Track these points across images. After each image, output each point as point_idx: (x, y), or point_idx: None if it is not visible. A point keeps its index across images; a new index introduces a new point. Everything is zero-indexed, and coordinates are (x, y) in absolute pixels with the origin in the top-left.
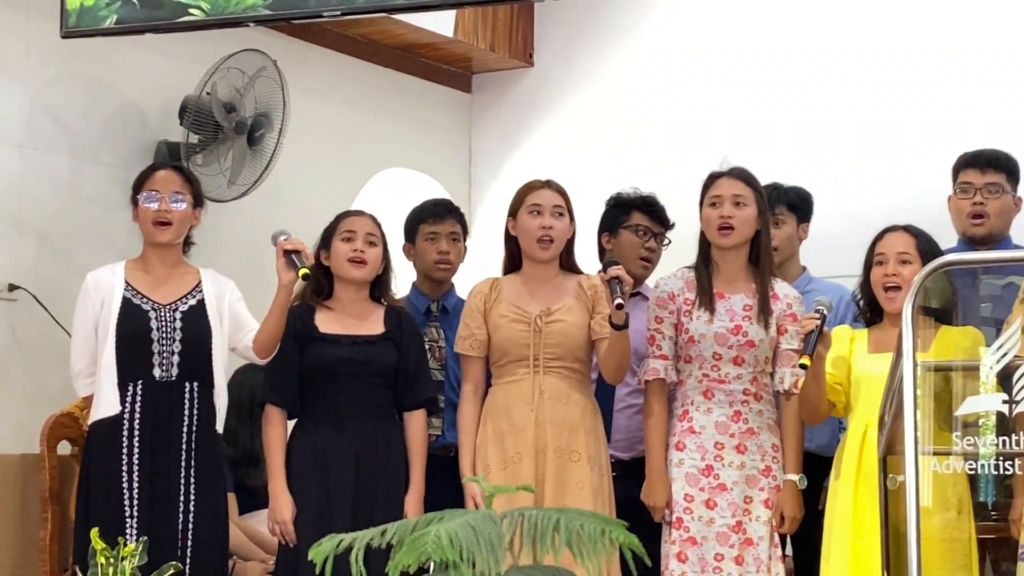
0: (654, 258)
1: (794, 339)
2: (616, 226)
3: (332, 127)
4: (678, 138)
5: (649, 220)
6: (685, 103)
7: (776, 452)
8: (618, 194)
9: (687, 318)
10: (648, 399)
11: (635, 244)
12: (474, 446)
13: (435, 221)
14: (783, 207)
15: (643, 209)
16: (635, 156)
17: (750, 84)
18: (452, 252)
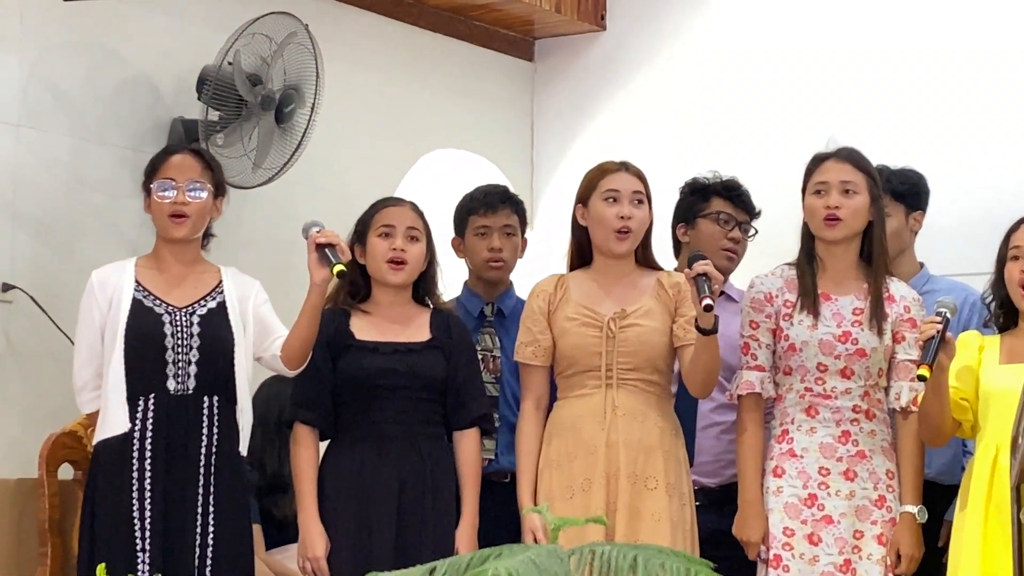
0: (739, 250)
1: (912, 348)
2: (694, 215)
3: (373, 102)
4: (769, 117)
5: (732, 207)
6: (780, 77)
7: (891, 479)
8: (695, 179)
9: (787, 323)
10: (741, 417)
11: (716, 234)
12: (535, 471)
13: (486, 212)
14: (886, 196)
15: (724, 195)
16: (721, 137)
17: (856, 52)
18: (506, 248)
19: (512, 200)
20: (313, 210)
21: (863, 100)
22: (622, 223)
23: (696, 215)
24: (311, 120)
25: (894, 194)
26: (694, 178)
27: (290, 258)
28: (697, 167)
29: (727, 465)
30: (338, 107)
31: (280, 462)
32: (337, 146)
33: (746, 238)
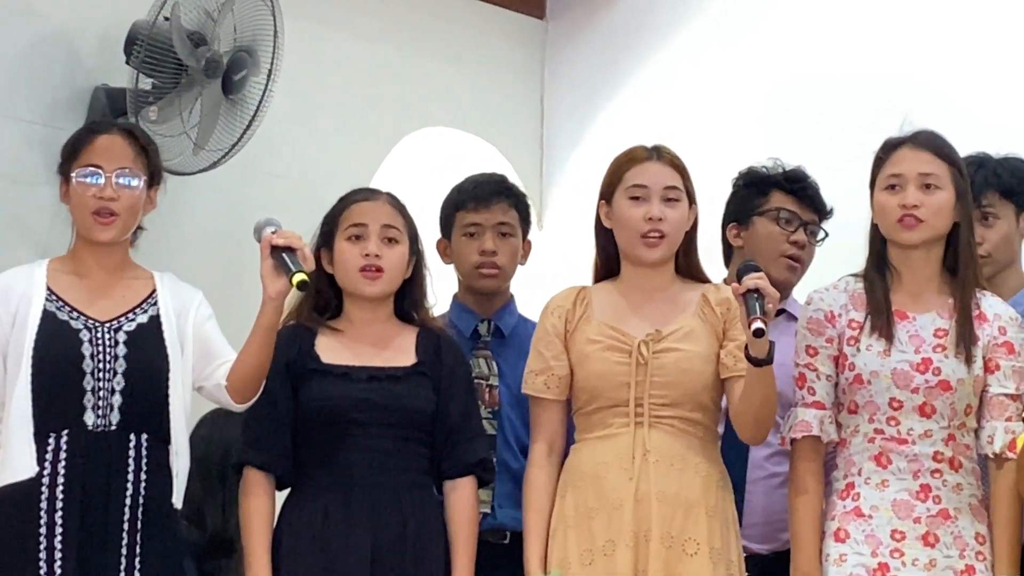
0: (804, 257)
1: (1010, 380)
2: (748, 213)
3: (344, 68)
4: (836, 91)
5: (796, 203)
6: (853, 38)
7: (982, 545)
8: (750, 168)
9: (852, 348)
10: (795, 466)
11: (776, 237)
12: (546, 530)
13: (476, 207)
14: (993, 194)
15: (787, 188)
16: (785, 115)
17: (935, 21)
18: (502, 251)
19: (510, 192)
20: (269, 204)
21: (951, 80)
22: (651, 225)
23: (751, 213)
24: (267, 90)
25: (1003, 191)
26: (750, 167)
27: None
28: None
29: (783, 527)
30: (301, 75)
31: (224, 517)
32: (300, 123)
33: (813, 242)
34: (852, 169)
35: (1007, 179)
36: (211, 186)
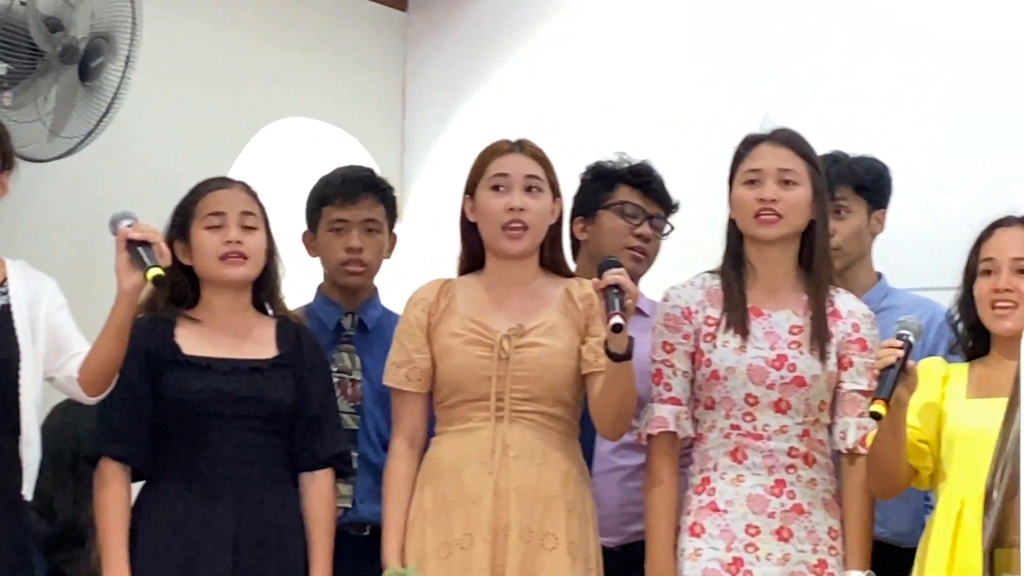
0: (649, 250)
1: (863, 376)
2: (595, 207)
3: (204, 57)
4: (703, 87)
5: (642, 197)
6: (713, 37)
7: (835, 539)
8: (597, 163)
9: (709, 344)
10: (651, 461)
11: (620, 230)
12: (404, 523)
13: (343, 203)
14: (847, 188)
15: (633, 182)
16: (646, 111)
17: (805, 18)
18: (368, 248)
19: (377, 187)
20: (125, 194)
21: (809, 80)
22: (512, 216)
23: (597, 207)
24: (124, 78)
25: (856, 186)
26: (597, 162)
27: (95, 253)
28: (614, 148)
29: (632, 520)
30: (159, 62)
31: (75, 508)
32: (158, 112)
33: (658, 236)
34: (711, 163)
35: (862, 175)
36: (67, 174)
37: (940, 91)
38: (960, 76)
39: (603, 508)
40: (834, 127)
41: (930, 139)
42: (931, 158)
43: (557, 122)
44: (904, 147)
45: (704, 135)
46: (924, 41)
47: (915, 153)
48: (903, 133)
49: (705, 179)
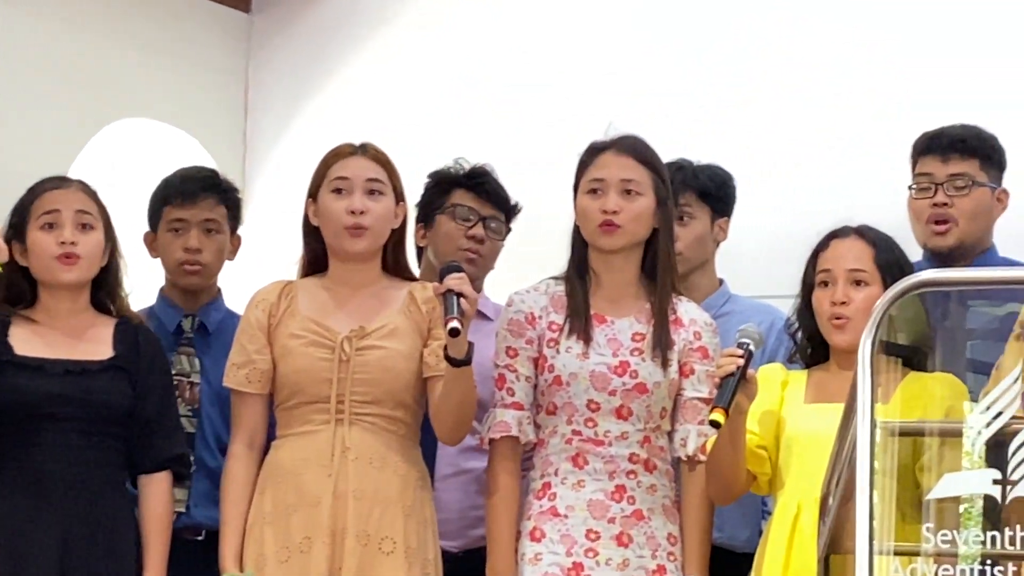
0: (484, 252)
1: (704, 384)
2: (432, 211)
3: (42, 55)
4: (542, 87)
5: (475, 199)
6: (570, 45)
7: (673, 545)
8: (437, 170)
9: (552, 350)
10: (492, 466)
11: (454, 233)
12: (243, 527)
13: (183, 203)
14: (691, 195)
15: (467, 185)
16: (488, 112)
17: (645, 31)
18: (207, 248)
19: (218, 188)
20: None
21: (655, 90)
22: (353, 219)
23: (434, 212)
24: None
25: (701, 193)
26: (437, 169)
27: None
28: (461, 150)
29: (475, 524)
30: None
31: None
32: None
33: (493, 237)
34: (558, 167)
35: (706, 182)
36: None
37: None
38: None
39: (446, 512)
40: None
41: (774, 146)
42: (773, 166)
43: (400, 125)
44: (746, 164)
45: (554, 136)
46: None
47: (754, 168)
48: (748, 152)
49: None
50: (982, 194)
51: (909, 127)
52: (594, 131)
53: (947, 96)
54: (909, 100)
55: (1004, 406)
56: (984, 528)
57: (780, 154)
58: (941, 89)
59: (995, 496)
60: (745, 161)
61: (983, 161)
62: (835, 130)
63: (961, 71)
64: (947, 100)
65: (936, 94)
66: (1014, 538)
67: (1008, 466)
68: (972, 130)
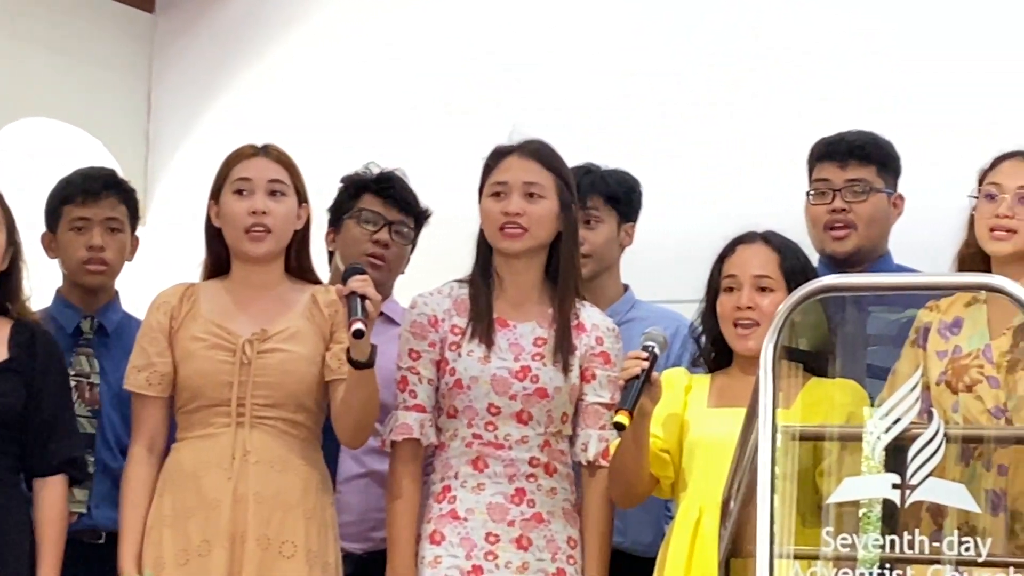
0: (389, 256)
1: (605, 389)
2: (340, 215)
3: None
4: (459, 90)
5: (382, 204)
6: (469, 38)
7: (573, 548)
8: (349, 174)
9: (454, 353)
10: (394, 469)
11: (360, 237)
12: (142, 530)
13: (84, 202)
14: (598, 199)
15: (375, 190)
16: (397, 114)
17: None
18: (110, 247)
19: (119, 187)
20: None
21: (566, 94)
22: (255, 219)
23: (342, 215)
24: None
25: (608, 197)
26: (349, 174)
27: None
28: (364, 153)
29: (377, 526)
30: None
31: None
32: None
33: (399, 242)
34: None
35: (613, 186)
36: None
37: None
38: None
39: (349, 514)
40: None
41: (676, 151)
42: (676, 171)
43: (304, 126)
44: (650, 169)
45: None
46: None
47: (658, 173)
48: (652, 157)
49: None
50: (879, 200)
51: (903, 120)
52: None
53: (939, 89)
54: (904, 93)
55: (903, 411)
56: (883, 532)
57: (770, 138)
58: (932, 81)
59: (894, 500)
60: (735, 146)
61: (880, 167)
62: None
63: (955, 64)
64: (938, 93)
65: (928, 86)
66: (913, 542)
67: (907, 471)
68: (869, 136)
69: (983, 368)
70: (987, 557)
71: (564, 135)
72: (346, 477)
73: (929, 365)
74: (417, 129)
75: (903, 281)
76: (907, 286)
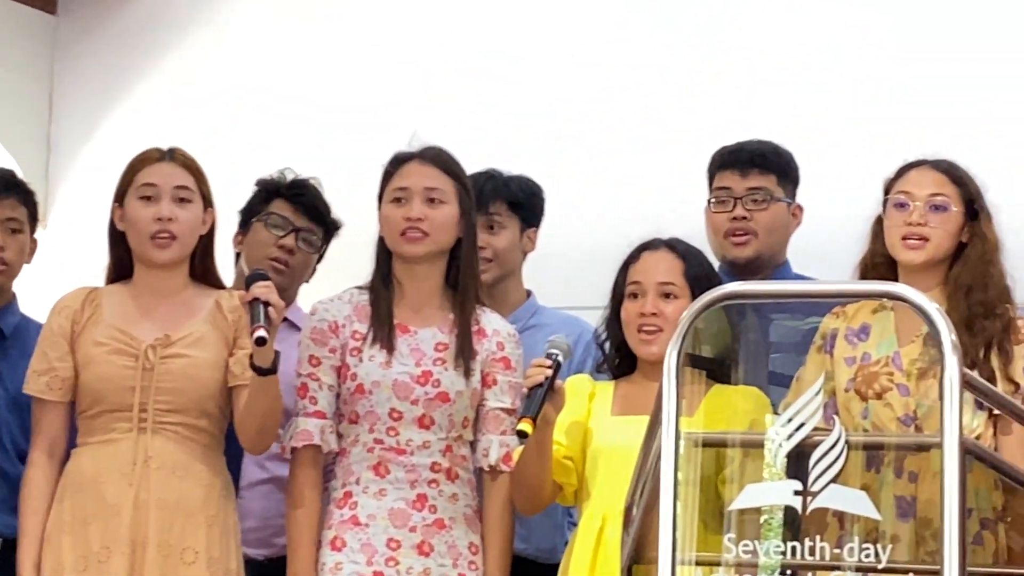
0: (293, 263)
1: (506, 394)
2: (249, 218)
3: None
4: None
5: (292, 210)
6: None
7: (475, 554)
8: (263, 178)
9: (355, 359)
10: (295, 475)
11: (266, 241)
12: (42, 535)
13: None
14: (501, 204)
15: (286, 195)
16: (296, 115)
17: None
18: (9, 248)
19: (19, 188)
20: None
21: (466, 99)
22: (160, 225)
23: (251, 218)
24: None
25: (512, 203)
26: (263, 177)
27: None
28: (269, 158)
29: (279, 532)
30: None
31: None
32: None
33: (305, 250)
34: None
35: (516, 192)
36: None
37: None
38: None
39: (251, 520)
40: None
41: (578, 165)
42: (578, 180)
43: (207, 130)
44: (554, 174)
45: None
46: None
47: (562, 178)
48: (556, 161)
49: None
50: (779, 208)
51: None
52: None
53: (923, 82)
54: (887, 86)
55: (806, 418)
56: (784, 539)
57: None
58: (915, 74)
59: (795, 507)
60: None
61: (780, 176)
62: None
63: (937, 58)
64: (923, 86)
65: (910, 79)
66: (814, 548)
67: (809, 477)
68: (770, 146)
69: (893, 376)
70: (887, 564)
71: (546, 127)
72: (249, 483)
73: (837, 371)
74: (319, 132)
75: (806, 288)
76: (810, 293)
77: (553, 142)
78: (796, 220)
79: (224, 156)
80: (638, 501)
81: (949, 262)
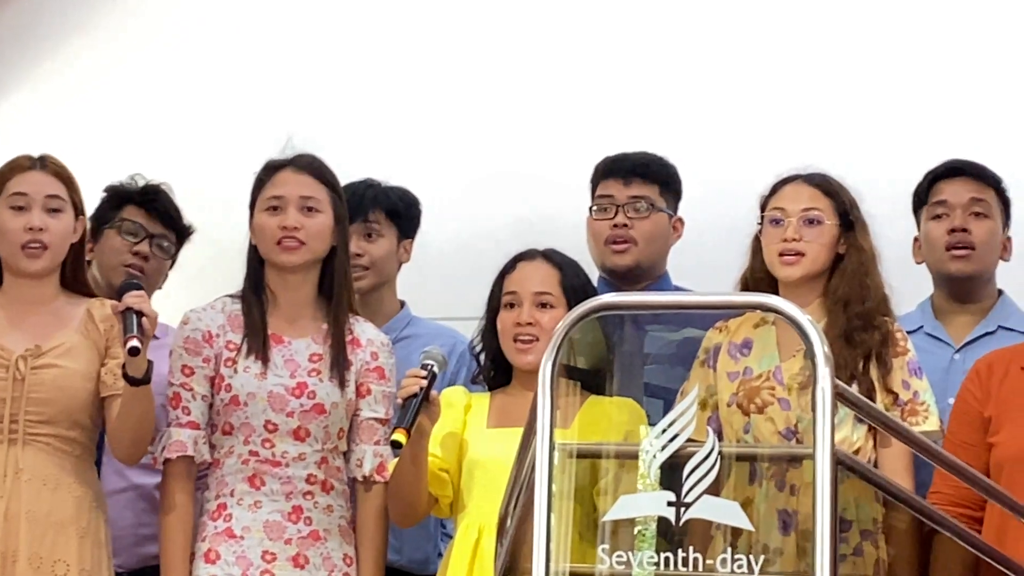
0: (148, 269)
1: (380, 403)
2: (101, 225)
3: None
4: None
5: (146, 216)
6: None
7: (349, 566)
8: (112, 184)
9: (230, 369)
10: (167, 486)
11: (119, 247)
12: None
13: None
14: (380, 213)
15: (139, 202)
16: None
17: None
18: None
19: None
20: None
21: (344, 104)
22: (31, 236)
23: (103, 225)
24: None
25: (389, 212)
26: (113, 184)
27: None
28: (148, 162)
29: (145, 542)
30: None
31: None
32: None
33: (159, 256)
34: None
35: (395, 201)
36: None
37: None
38: None
39: (115, 529)
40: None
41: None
42: (456, 189)
43: (82, 137)
44: (428, 180)
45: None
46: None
47: (436, 185)
48: (430, 168)
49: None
50: (661, 219)
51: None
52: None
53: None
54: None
55: (680, 428)
56: (658, 549)
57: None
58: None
59: (669, 518)
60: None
61: (663, 187)
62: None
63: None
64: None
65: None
66: (687, 559)
67: (682, 488)
68: (653, 156)
69: (774, 390)
70: (759, 575)
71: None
72: (111, 491)
73: (720, 386)
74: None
75: (682, 300)
76: (686, 304)
77: (428, 151)
78: (677, 233)
79: (96, 164)
80: (512, 512)
81: (828, 275)
